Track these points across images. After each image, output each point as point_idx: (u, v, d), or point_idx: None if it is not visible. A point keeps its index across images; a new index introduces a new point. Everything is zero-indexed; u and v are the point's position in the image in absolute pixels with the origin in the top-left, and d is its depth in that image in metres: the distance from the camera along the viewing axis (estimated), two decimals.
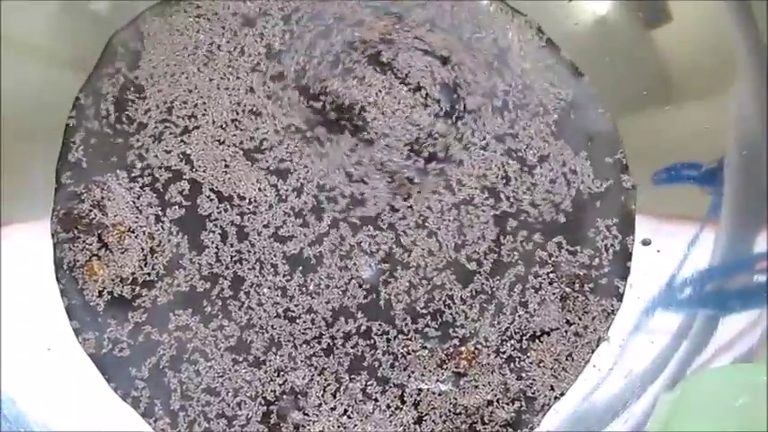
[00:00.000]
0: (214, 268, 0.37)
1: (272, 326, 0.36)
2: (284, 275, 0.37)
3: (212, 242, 0.37)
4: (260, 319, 0.36)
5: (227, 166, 0.38)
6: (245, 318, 0.36)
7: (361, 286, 0.37)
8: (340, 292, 0.37)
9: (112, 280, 0.36)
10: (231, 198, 0.37)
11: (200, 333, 0.36)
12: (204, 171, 0.38)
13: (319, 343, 0.36)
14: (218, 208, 0.37)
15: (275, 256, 0.37)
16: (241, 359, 0.36)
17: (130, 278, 0.36)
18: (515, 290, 0.37)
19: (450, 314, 0.37)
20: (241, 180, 0.37)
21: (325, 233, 0.37)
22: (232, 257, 0.37)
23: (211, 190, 0.37)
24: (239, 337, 0.36)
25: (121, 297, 0.36)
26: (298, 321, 0.36)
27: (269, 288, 0.37)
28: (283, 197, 0.37)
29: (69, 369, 0.36)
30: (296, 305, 0.36)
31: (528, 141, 0.38)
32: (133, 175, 0.37)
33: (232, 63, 0.39)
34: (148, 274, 0.37)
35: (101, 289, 0.36)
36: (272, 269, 0.37)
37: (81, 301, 0.36)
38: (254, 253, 0.37)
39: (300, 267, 0.37)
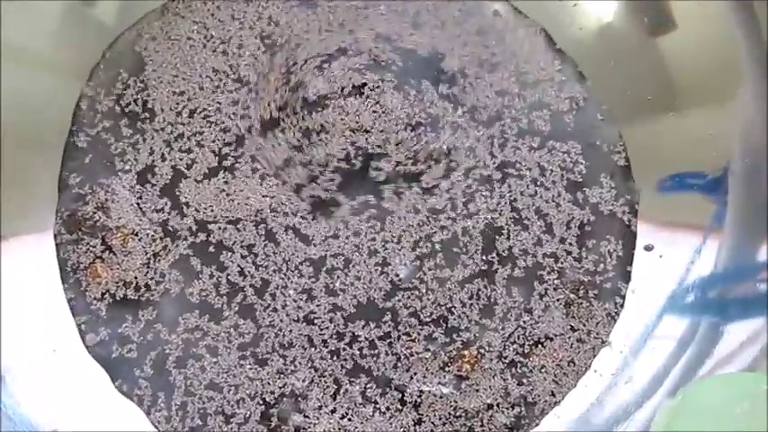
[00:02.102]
0: (221, 275, 0.38)
1: (291, 329, 0.37)
2: (295, 279, 0.38)
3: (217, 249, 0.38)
4: (280, 320, 0.38)
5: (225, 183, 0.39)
6: (260, 320, 0.38)
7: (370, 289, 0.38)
8: (350, 296, 0.38)
9: (116, 283, 0.37)
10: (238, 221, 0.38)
11: (211, 331, 0.37)
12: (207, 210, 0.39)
13: (326, 345, 0.37)
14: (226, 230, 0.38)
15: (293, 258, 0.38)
16: (248, 353, 0.37)
17: (134, 282, 0.37)
18: (520, 296, 0.38)
19: (455, 318, 0.38)
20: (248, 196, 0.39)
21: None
22: (241, 256, 0.38)
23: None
24: (250, 335, 0.37)
25: (125, 299, 0.37)
26: (316, 322, 0.38)
27: (284, 290, 0.38)
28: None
29: (74, 369, 0.37)
30: (299, 307, 0.38)
31: (530, 149, 0.40)
32: (138, 177, 0.38)
33: (232, 64, 0.40)
34: (152, 277, 0.38)
35: (104, 291, 0.37)
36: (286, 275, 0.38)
37: (85, 302, 0.37)
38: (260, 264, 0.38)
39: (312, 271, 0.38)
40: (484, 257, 0.38)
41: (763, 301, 0.36)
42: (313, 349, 0.37)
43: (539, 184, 0.39)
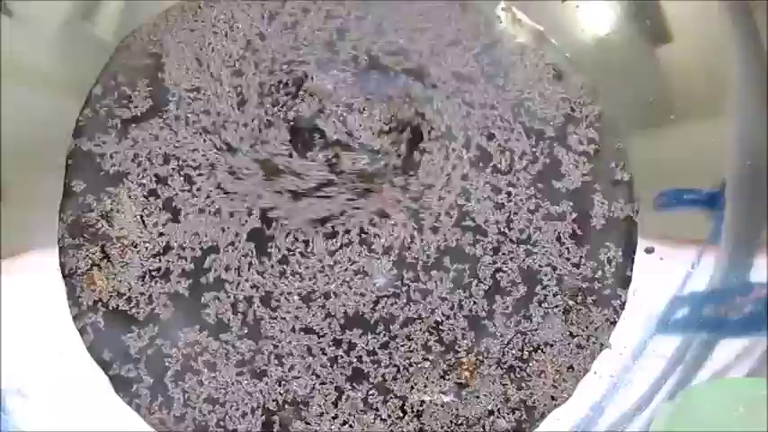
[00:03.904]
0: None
1: (289, 340, 0.38)
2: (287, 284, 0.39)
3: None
4: (280, 330, 0.38)
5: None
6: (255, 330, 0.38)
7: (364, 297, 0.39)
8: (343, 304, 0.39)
9: (110, 292, 0.38)
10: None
11: (210, 346, 0.38)
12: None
13: (324, 354, 0.38)
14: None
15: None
16: (245, 370, 0.38)
17: (127, 293, 0.38)
18: (519, 302, 0.39)
19: (453, 326, 0.38)
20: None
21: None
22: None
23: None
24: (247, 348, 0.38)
25: (117, 309, 0.38)
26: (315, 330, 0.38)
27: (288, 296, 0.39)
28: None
29: (76, 374, 0.38)
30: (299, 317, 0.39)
31: (531, 157, 0.40)
32: (144, 189, 0.39)
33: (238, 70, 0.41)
34: (142, 293, 0.38)
35: (96, 299, 0.38)
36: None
37: (84, 310, 0.38)
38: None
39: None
40: (482, 264, 0.39)
41: (759, 318, 0.37)
42: (312, 358, 0.38)
43: (538, 197, 0.40)
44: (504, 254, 0.39)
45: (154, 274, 0.38)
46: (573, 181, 0.40)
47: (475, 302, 0.39)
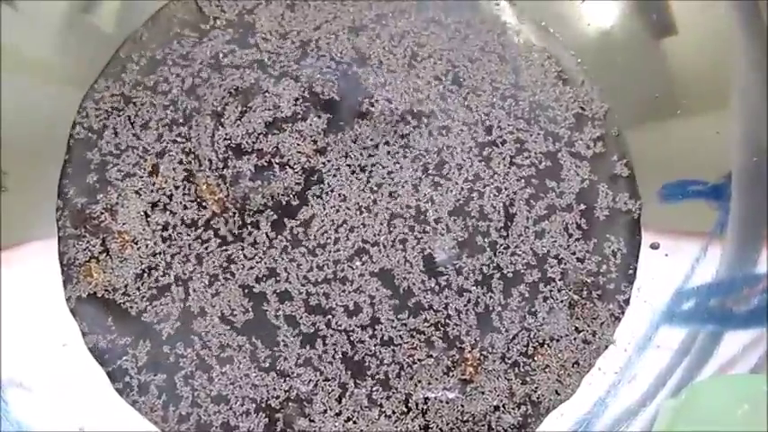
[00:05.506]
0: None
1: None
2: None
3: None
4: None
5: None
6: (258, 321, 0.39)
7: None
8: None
9: (105, 286, 0.38)
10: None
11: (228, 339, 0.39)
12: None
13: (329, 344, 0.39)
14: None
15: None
16: (253, 365, 0.38)
17: (123, 289, 0.38)
18: (524, 298, 0.39)
19: (456, 322, 0.39)
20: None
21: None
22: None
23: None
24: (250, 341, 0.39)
25: (114, 303, 0.38)
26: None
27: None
28: None
29: (77, 368, 0.38)
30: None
31: (534, 152, 0.41)
32: (148, 185, 0.39)
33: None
34: (139, 288, 0.39)
35: (91, 292, 0.38)
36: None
37: (88, 302, 0.38)
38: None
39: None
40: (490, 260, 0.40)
41: (764, 311, 0.37)
42: (314, 350, 0.38)
43: (545, 190, 0.41)
44: (511, 245, 0.40)
45: (152, 269, 0.39)
46: (580, 177, 0.41)
47: (492, 297, 0.39)
